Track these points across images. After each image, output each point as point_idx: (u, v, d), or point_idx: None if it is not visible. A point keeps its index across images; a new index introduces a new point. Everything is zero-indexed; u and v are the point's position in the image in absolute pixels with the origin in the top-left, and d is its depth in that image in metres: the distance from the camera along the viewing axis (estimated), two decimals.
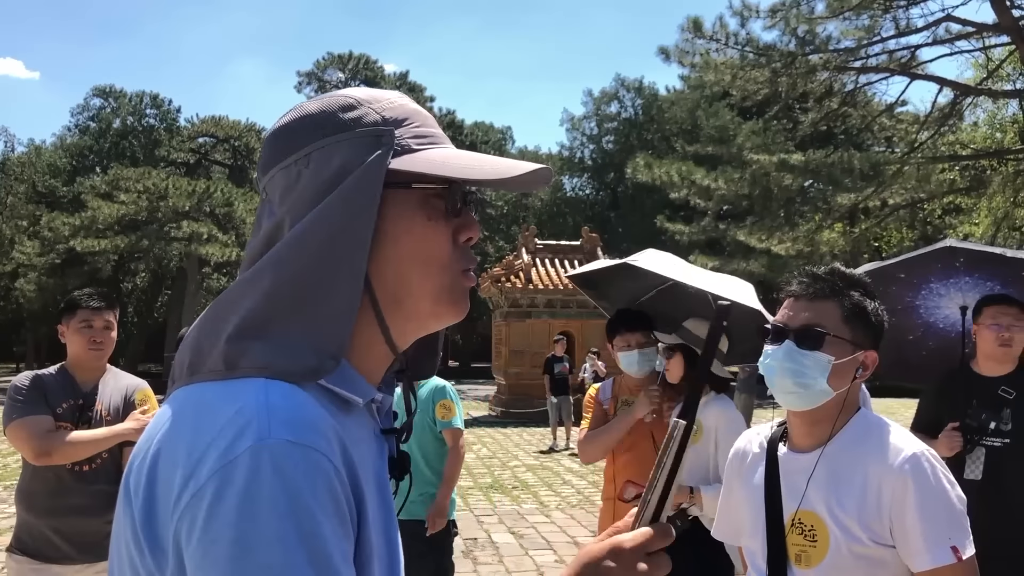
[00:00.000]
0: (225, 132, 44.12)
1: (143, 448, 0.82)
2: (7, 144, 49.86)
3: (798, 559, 1.77)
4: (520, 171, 0.88)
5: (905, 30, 15.41)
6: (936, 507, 1.67)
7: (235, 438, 0.74)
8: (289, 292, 0.83)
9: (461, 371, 41.08)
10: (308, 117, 0.89)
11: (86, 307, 3.34)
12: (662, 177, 18.82)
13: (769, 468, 1.86)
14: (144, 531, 0.77)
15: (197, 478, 0.73)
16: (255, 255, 0.88)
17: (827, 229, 17.95)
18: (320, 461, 0.75)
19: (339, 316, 0.84)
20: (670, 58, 16.59)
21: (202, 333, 0.87)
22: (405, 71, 48.80)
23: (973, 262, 3.51)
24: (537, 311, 19.76)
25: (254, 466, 0.72)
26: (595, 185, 44.36)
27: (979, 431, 3.36)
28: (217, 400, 0.79)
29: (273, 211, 0.89)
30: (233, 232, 31.34)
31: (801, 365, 1.75)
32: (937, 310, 3.83)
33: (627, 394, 3.86)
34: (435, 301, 0.90)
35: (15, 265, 34.83)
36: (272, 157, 0.90)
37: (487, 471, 11.90)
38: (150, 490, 0.78)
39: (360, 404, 0.88)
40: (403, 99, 0.93)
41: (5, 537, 7.81)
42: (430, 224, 0.89)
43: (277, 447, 0.74)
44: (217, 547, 0.71)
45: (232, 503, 0.71)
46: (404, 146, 0.88)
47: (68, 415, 3.25)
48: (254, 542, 0.70)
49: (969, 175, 18.35)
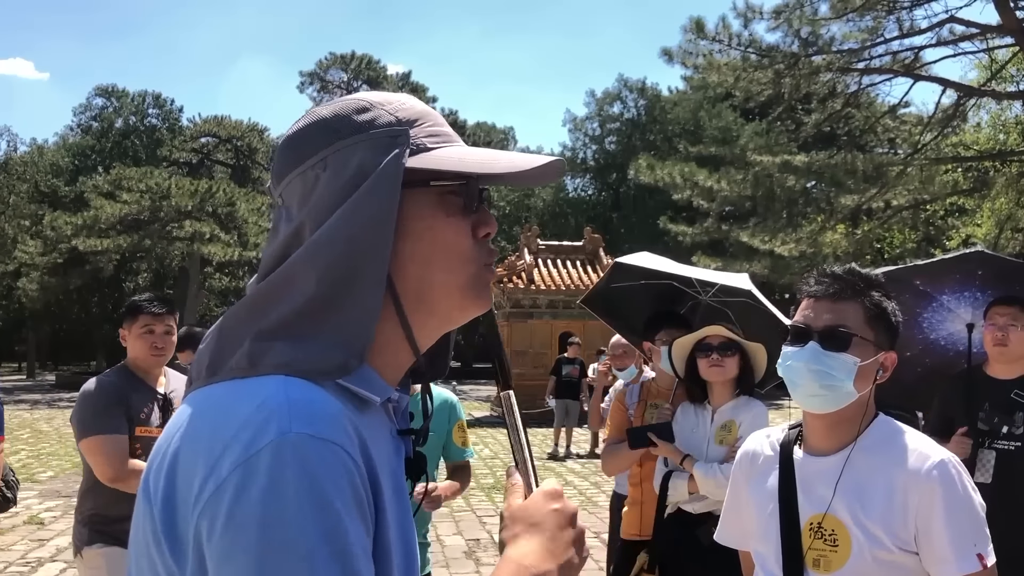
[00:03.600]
0: (227, 132, 44.17)
1: (162, 447, 0.82)
2: (10, 144, 49.94)
3: (816, 564, 1.75)
4: (535, 164, 0.89)
5: (909, 31, 15.40)
6: (962, 515, 1.66)
7: (257, 433, 0.75)
8: (313, 293, 0.84)
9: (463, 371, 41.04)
10: (322, 122, 0.90)
11: (148, 312, 3.38)
12: (665, 178, 18.81)
13: (784, 471, 1.83)
14: (164, 529, 0.77)
15: (218, 473, 0.74)
16: (273, 261, 0.88)
17: (830, 230, 17.93)
18: (341, 456, 0.76)
19: (363, 316, 0.84)
20: (673, 59, 16.59)
21: (223, 335, 0.87)
22: (408, 71, 48.84)
23: (995, 277, 3.46)
24: (539, 312, 19.74)
25: (277, 460, 0.73)
26: (598, 186, 44.32)
27: (991, 434, 3.34)
28: (237, 398, 0.80)
29: (291, 217, 0.89)
30: (235, 232, 31.35)
31: (827, 367, 1.71)
32: (941, 326, 3.78)
33: (656, 398, 3.80)
34: (461, 295, 0.91)
35: (17, 264, 34.82)
36: (287, 164, 0.90)
37: (489, 471, 11.89)
38: (170, 488, 0.78)
39: (377, 403, 0.88)
40: (413, 100, 0.94)
41: (7, 536, 7.80)
42: (450, 220, 0.90)
43: (299, 441, 0.74)
44: (244, 533, 0.71)
45: (256, 495, 0.72)
46: (419, 145, 0.89)
47: (150, 418, 3.30)
48: (281, 529, 0.71)
49: (972, 176, 18.33)
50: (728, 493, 2.07)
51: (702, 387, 3.46)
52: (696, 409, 3.50)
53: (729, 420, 3.37)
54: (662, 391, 3.79)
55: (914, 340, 3.80)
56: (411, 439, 0.97)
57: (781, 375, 1.81)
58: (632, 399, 3.87)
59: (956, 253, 3.58)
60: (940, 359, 3.82)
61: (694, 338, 3.44)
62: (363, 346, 0.84)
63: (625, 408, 3.85)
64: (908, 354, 3.80)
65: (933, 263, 3.71)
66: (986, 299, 3.51)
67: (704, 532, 3.15)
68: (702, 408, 3.48)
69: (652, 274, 3.82)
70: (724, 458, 3.29)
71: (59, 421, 18.81)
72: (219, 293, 41.49)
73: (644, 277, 3.90)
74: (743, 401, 3.40)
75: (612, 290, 4.23)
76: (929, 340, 3.83)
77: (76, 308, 41.32)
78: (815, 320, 1.76)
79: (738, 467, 2.02)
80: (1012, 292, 3.42)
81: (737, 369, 3.37)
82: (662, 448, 3.41)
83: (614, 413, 3.90)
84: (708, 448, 3.37)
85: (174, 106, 49.40)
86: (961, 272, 3.53)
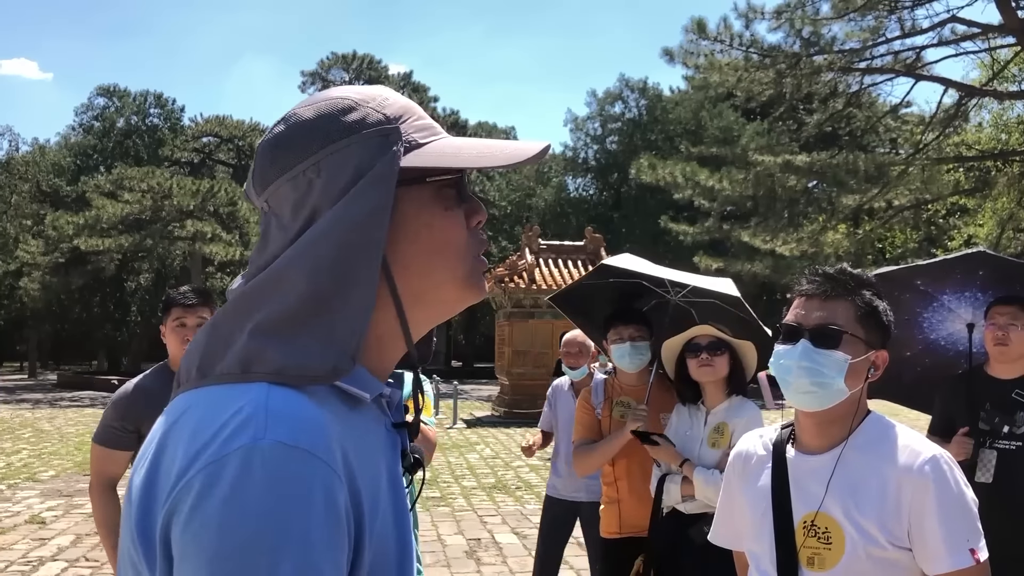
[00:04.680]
0: (229, 132, 44.19)
1: (146, 451, 0.82)
2: (12, 143, 50.00)
3: (810, 562, 1.76)
4: (529, 153, 0.89)
5: (910, 31, 15.38)
6: (955, 510, 1.67)
7: (229, 437, 0.74)
8: (306, 294, 0.83)
9: (464, 371, 41.06)
10: (307, 123, 0.88)
11: (179, 304, 3.29)
12: (666, 178, 18.82)
13: (777, 470, 1.84)
14: (138, 530, 0.77)
15: (188, 474, 0.73)
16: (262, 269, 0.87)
17: (831, 230, 17.92)
18: (317, 466, 0.74)
19: (356, 317, 0.83)
20: (674, 59, 16.58)
21: (212, 338, 0.86)
22: (409, 71, 48.89)
23: (996, 278, 3.46)
24: (540, 311, 19.71)
25: (244, 465, 0.72)
26: (599, 186, 44.28)
27: (992, 434, 3.33)
28: (219, 402, 0.79)
29: (284, 224, 0.87)
30: (237, 231, 31.37)
31: (818, 364, 1.73)
32: (941, 325, 3.77)
33: (621, 394, 3.77)
34: (460, 287, 0.92)
35: (19, 264, 34.84)
36: (273, 168, 0.88)
37: (490, 471, 11.89)
38: (148, 490, 0.77)
39: (368, 400, 0.87)
40: (392, 93, 0.93)
41: (8, 535, 7.81)
42: (448, 214, 0.90)
43: (270, 449, 0.73)
44: (202, 535, 0.70)
45: (218, 497, 0.71)
46: (411, 141, 0.88)
47: None
48: (240, 535, 0.70)
49: (974, 176, 18.33)
50: (722, 494, 2.07)
51: (693, 388, 3.44)
52: (690, 410, 3.48)
53: (721, 422, 3.35)
54: (625, 388, 3.77)
55: (914, 340, 3.80)
56: (406, 432, 0.97)
57: (773, 373, 1.83)
58: (598, 398, 3.84)
59: (958, 253, 3.57)
60: (940, 359, 3.82)
61: (683, 338, 3.41)
62: (356, 346, 0.83)
63: (592, 407, 3.82)
64: (908, 354, 3.80)
65: (935, 263, 3.70)
66: (986, 299, 3.51)
67: (697, 531, 3.15)
68: (696, 409, 3.46)
69: (624, 273, 3.81)
70: (717, 462, 3.27)
71: (60, 420, 18.84)
72: (221, 293, 41.52)
73: (617, 276, 3.88)
74: (736, 403, 3.37)
75: (581, 287, 4.22)
76: (929, 340, 3.82)
77: (78, 308, 41.35)
78: (806, 318, 1.78)
79: (731, 467, 2.03)
80: (1013, 292, 3.42)
81: (727, 368, 3.34)
82: (661, 451, 3.40)
83: (580, 414, 3.85)
84: (700, 450, 3.35)
85: (176, 106, 49.44)
86: (962, 272, 3.52)
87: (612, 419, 3.72)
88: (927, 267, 3.67)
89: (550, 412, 5.05)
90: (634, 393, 3.72)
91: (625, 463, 3.68)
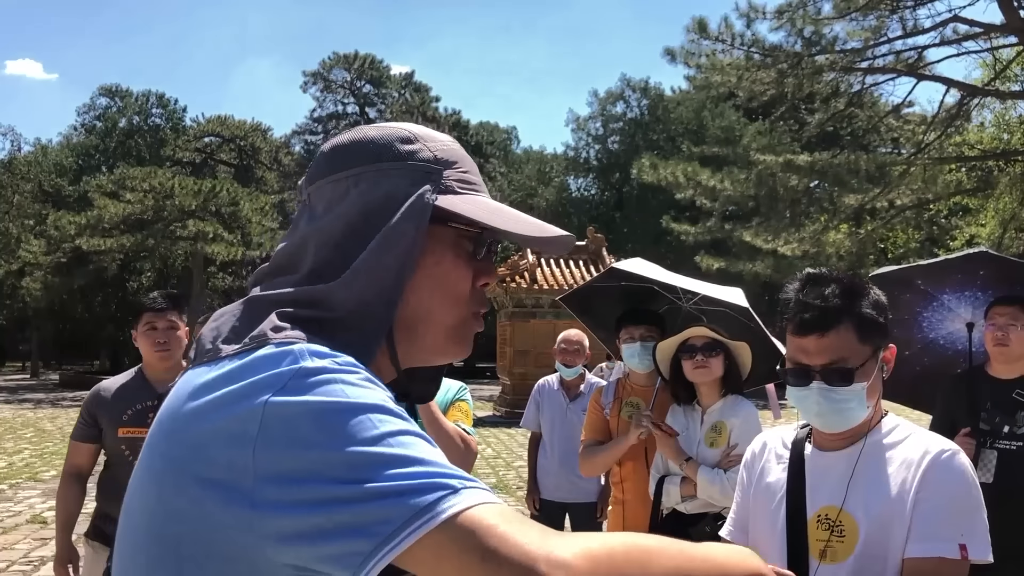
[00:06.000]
0: (231, 132, 44.23)
1: (173, 408, 0.84)
2: (14, 143, 50.01)
3: (823, 555, 1.75)
4: (551, 234, 0.97)
5: (912, 31, 15.38)
6: (959, 504, 1.66)
7: (278, 374, 0.79)
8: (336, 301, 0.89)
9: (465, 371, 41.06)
10: (367, 140, 0.96)
11: (150, 310, 3.41)
12: (668, 177, 18.82)
13: (794, 466, 1.84)
14: (190, 472, 0.79)
15: (253, 410, 0.77)
16: (288, 257, 0.95)
17: (833, 230, 17.90)
18: (367, 375, 0.82)
19: (372, 334, 0.90)
20: (676, 59, 16.59)
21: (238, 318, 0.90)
22: (411, 71, 48.87)
23: (996, 278, 3.45)
24: (542, 312, 19.73)
25: (303, 374, 0.78)
26: (600, 185, 44.25)
27: (992, 434, 3.33)
28: (258, 358, 0.82)
29: (315, 217, 0.95)
30: (239, 231, 31.36)
31: (836, 402, 1.71)
32: (941, 325, 3.77)
33: (631, 395, 3.79)
34: (446, 335, 0.97)
35: (21, 264, 34.84)
36: (323, 169, 0.97)
37: (492, 471, 11.89)
38: (196, 438, 0.79)
39: None
40: (456, 144, 1.01)
41: (10, 535, 7.82)
42: (457, 262, 0.97)
43: (320, 358, 0.80)
44: (307, 430, 0.75)
45: (299, 404, 0.77)
46: (448, 187, 0.95)
47: (136, 419, 3.32)
48: (337, 414, 0.76)
49: (976, 176, 18.31)
50: (737, 490, 2.08)
51: (688, 389, 3.44)
52: (686, 411, 3.48)
53: (719, 421, 3.36)
54: (636, 388, 3.78)
55: (913, 339, 3.80)
56: None
57: (793, 405, 1.80)
58: (608, 398, 3.85)
59: (960, 253, 3.57)
60: (939, 358, 3.82)
61: (678, 340, 3.41)
62: (368, 360, 0.88)
63: (601, 408, 3.83)
64: (907, 353, 3.80)
65: (936, 263, 3.70)
66: (986, 299, 3.51)
67: (697, 532, 3.14)
68: (691, 409, 3.46)
69: (636, 278, 3.81)
70: (716, 462, 3.28)
71: (62, 420, 18.85)
72: (223, 292, 41.49)
73: (628, 280, 3.88)
74: (732, 401, 3.38)
75: (592, 289, 4.22)
76: (928, 339, 3.82)
77: (80, 307, 41.35)
78: (812, 358, 1.73)
79: (746, 465, 2.03)
80: (1013, 292, 3.41)
81: (722, 369, 3.34)
82: (668, 446, 3.39)
83: (590, 414, 3.87)
84: (698, 450, 3.35)
85: (178, 106, 49.44)
86: (963, 272, 3.52)
87: (620, 419, 3.73)
88: (928, 267, 3.67)
89: (536, 411, 5.04)
90: (644, 394, 3.73)
91: (632, 465, 3.68)
